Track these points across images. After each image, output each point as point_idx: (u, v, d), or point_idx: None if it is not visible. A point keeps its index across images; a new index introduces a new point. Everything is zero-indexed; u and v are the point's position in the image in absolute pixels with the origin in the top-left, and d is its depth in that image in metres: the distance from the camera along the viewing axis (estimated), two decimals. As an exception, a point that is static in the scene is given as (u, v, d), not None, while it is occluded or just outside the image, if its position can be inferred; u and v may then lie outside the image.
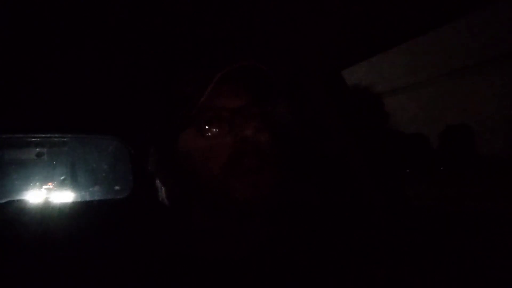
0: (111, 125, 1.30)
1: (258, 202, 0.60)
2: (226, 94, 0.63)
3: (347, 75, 1.12)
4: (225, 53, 0.95)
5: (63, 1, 0.70)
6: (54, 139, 1.41)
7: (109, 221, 1.05)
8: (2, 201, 1.15)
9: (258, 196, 0.60)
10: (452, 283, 0.76)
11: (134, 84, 1.10)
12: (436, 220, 0.91)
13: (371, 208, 1.02)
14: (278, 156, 0.64)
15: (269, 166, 0.61)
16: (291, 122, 1.01)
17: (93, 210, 1.19)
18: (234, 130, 0.62)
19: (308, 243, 0.70)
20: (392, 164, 1.06)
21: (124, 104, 1.19)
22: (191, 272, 0.63)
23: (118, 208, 1.25)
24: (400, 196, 1.03)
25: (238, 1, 0.76)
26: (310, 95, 1.08)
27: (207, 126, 0.62)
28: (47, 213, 1.10)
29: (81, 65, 0.98)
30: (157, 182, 0.72)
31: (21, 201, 1.16)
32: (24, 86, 1.03)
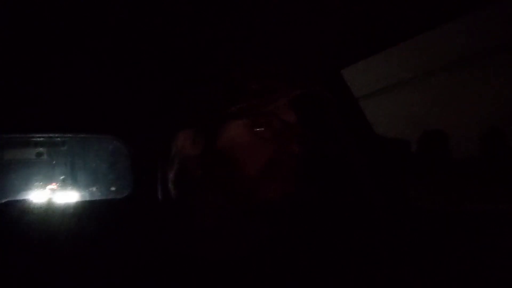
0: (111, 125, 1.29)
1: (276, 205, 0.63)
2: (286, 107, 0.66)
3: (348, 75, 1.12)
4: (225, 54, 0.95)
5: (63, 1, 0.70)
6: (54, 139, 1.41)
7: (109, 221, 1.05)
8: (2, 201, 1.15)
9: (279, 201, 0.63)
10: (452, 283, 0.76)
11: (135, 84, 1.10)
12: (436, 221, 0.91)
13: (371, 208, 1.02)
14: (304, 169, 0.66)
15: (298, 179, 0.65)
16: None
17: (93, 210, 1.19)
18: (279, 140, 0.64)
19: (308, 243, 0.70)
20: (392, 164, 1.06)
21: (124, 103, 1.19)
22: (192, 272, 0.63)
23: (118, 208, 1.25)
24: (400, 196, 1.03)
25: (238, 1, 0.76)
26: (310, 94, 1.07)
27: (258, 127, 0.64)
28: (48, 213, 1.10)
29: (81, 65, 0.98)
30: (170, 172, 0.72)
31: (21, 201, 1.16)
32: (24, 86, 1.03)
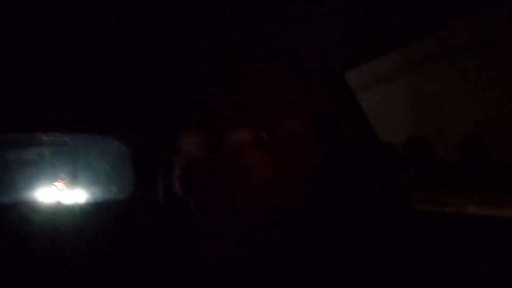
0: (112, 125, 1.30)
1: (277, 210, 0.64)
2: (295, 121, 0.66)
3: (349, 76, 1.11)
4: (225, 54, 0.95)
5: (63, 1, 0.70)
6: (55, 138, 1.42)
7: (110, 221, 1.05)
8: (3, 201, 1.15)
9: (281, 208, 0.64)
10: (452, 284, 0.76)
11: (135, 84, 1.10)
12: (436, 222, 0.91)
13: (371, 209, 1.02)
14: (308, 181, 0.66)
15: (302, 189, 0.66)
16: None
17: (94, 209, 1.19)
18: (287, 153, 0.64)
19: (308, 244, 0.70)
20: (392, 165, 1.06)
21: (125, 103, 1.19)
22: (193, 273, 0.63)
23: (119, 207, 1.25)
24: (400, 197, 1.03)
25: (239, 1, 0.76)
26: (310, 94, 1.07)
27: (266, 137, 0.64)
28: (49, 212, 1.10)
29: (82, 65, 0.98)
30: (175, 172, 0.72)
31: (22, 200, 1.16)
32: (24, 86, 1.03)
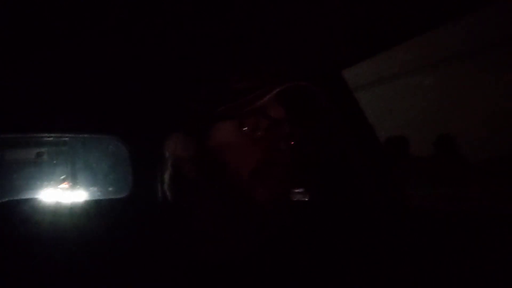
0: (111, 125, 1.30)
1: (272, 205, 0.64)
2: (272, 104, 0.66)
3: (348, 75, 1.11)
4: (225, 53, 0.95)
5: (63, 1, 0.70)
6: (55, 139, 1.42)
7: (109, 221, 1.05)
8: (2, 201, 1.15)
9: (275, 200, 0.63)
10: (452, 283, 0.76)
11: (135, 84, 1.10)
12: (435, 220, 0.91)
13: (371, 208, 1.02)
14: (297, 166, 0.66)
15: (290, 176, 0.65)
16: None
17: (93, 209, 1.19)
18: (269, 138, 0.65)
19: (308, 244, 0.71)
20: (392, 164, 1.06)
21: (124, 103, 1.19)
22: (190, 273, 0.63)
23: (118, 207, 1.25)
24: (400, 196, 1.03)
25: (238, 1, 0.76)
26: (322, 101, 1.08)
27: (246, 126, 0.65)
28: (48, 212, 1.10)
29: (81, 65, 0.98)
30: (165, 174, 0.72)
31: (21, 200, 1.16)
32: (24, 86, 1.03)
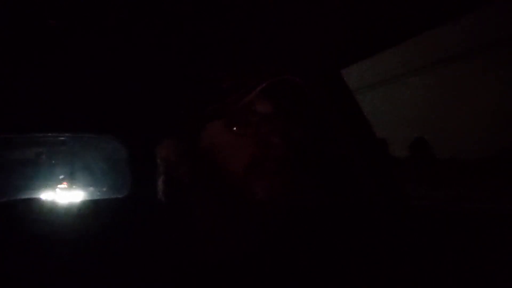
0: (111, 125, 1.30)
1: (270, 204, 0.63)
2: (260, 100, 0.66)
3: (347, 74, 1.11)
4: (225, 53, 0.95)
5: (63, 1, 0.70)
6: (54, 138, 1.41)
7: (108, 220, 1.05)
8: (1, 200, 1.15)
9: (272, 198, 0.63)
10: (452, 283, 0.76)
11: (134, 84, 1.10)
12: (435, 220, 0.91)
13: (371, 208, 1.02)
14: (293, 161, 0.66)
15: (286, 171, 0.65)
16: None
17: (92, 209, 1.19)
18: (259, 134, 0.65)
19: (308, 243, 0.71)
20: (392, 163, 1.06)
21: (123, 103, 1.19)
22: (189, 272, 0.63)
23: (117, 207, 1.25)
24: (400, 196, 1.03)
25: (238, 1, 0.76)
26: (310, 94, 1.07)
27: (235, 124, 0.65)
28: (47, 212, 1.10)
29: (81, 65, 0.98)
30: (159, 180, 0.72)
31: (21, 200, 1.16)
32: (24, 86, 1.03)
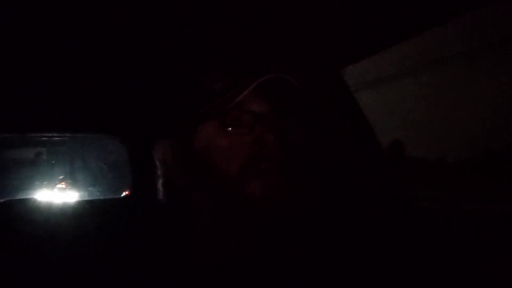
0: (111, 125, 1.30)
1: (268, 204, 0.63)
2: (254, 99, 0.65)
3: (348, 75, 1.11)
4: (225, 53, 0.95)
5: (63, 1, 0.70)
6: (53, 138, 1.41)
7: (108, 221, 1.05)
8: (1, 200, 1.15)
9: (270, 198, 0.63)
10: (452, 283, 0.76)
11: (134, 84, 1.10)
12: (436, 221, 0.92)
13: (371, 208, 1.02)
14: (290, 161, 0.66)
15: (282, 171, 0.64)
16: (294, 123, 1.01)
17: (92, 209, 1.19)
18: (254, 133, 0.64)
19: (308, 244, 0.71)
20: (392, 164, 1.06)
21: (123, 103, 1.19)
22: (191, 273, 0.63)
23: (117, 207, 1.25)
24: (400, 196, 1.03)
25: (237, 1, 0.76)
26: (309, 94, 1.08)
27: (229, 125, 0.64)
28: (47, 212, 1.10)
29: (80, 65, 0.98)
30: (158, 180, 0.72)
31: (20, 200, 1.16)
32: (23, 86, 1.03)
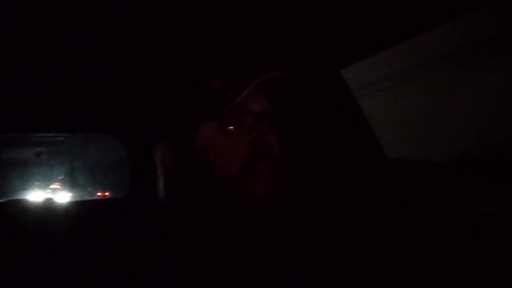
0: (110, 125, 1.29)
1: (268, 204, 0.63)
2: (253, 98, 0.65)
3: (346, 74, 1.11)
4: (226, 53, 0.95)
5: (63, 1, 0.70)
6: (53, 138, 1.41)
7: (108, 221, 1.05)
8: (1, 200, 1.15)
9: (270, 198, 0.63)
10: (452, 283, 0.76)
11: (133, 84, 1.10)
12: (436, 221, 0.92)
13: (371, 209, 1.02)
14: (290, 161, 0.66)
15: (282, 171, 0.64)
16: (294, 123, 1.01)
17: (91, 209, 1.19)
18: (254, 133, 0.64)
19: (308, 243, 0.71)
20: (392, 164, 1.06)
21: (123, 103, 1.19)
22: (191, 273, 0.63)
23: (116, 207, 1.25)
24: (400, 197, 1.03)
25: (238, 1, 0.76)
26: (310, 94, 1.08)
27: (229, 124, 0.64)
28: (46, 212, 1.10)
29: (80, 65, 0.98)
30: (158, 181, 0.72)
31: (20, 200, 1.16)
32: (23, 86, 1.02)
